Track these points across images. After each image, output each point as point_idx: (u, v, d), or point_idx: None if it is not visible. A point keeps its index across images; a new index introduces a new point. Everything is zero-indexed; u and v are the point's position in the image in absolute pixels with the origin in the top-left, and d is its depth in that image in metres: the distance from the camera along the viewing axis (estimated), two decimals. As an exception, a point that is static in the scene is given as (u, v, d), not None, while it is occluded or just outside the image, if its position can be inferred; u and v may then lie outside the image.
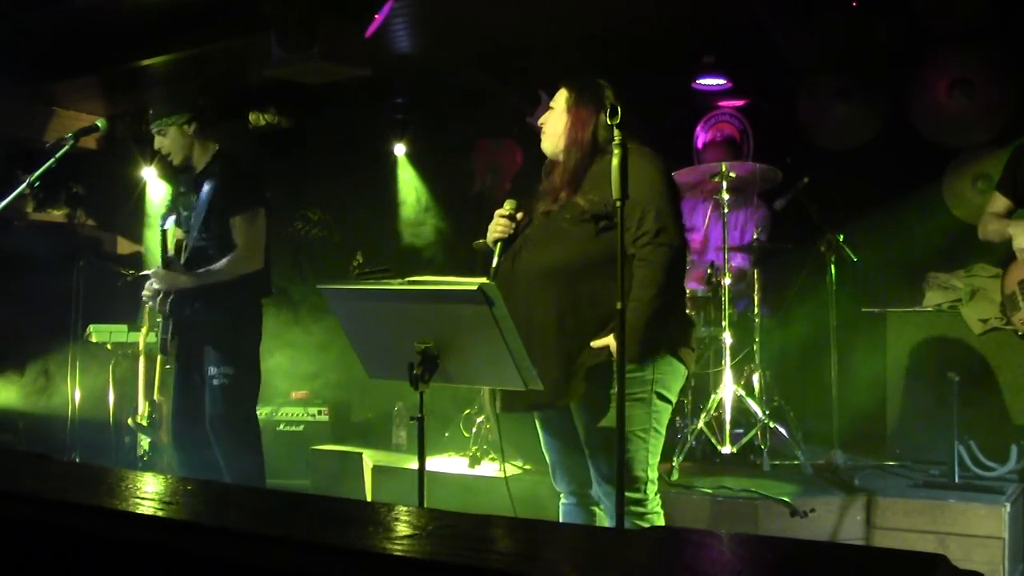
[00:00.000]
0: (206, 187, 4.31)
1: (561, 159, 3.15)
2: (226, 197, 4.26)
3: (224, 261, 4.23)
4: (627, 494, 2.90)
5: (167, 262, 4.26)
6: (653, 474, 3.07)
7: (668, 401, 3.07)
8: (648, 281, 2.93)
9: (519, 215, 3.19)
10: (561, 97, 3.21)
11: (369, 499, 5.21)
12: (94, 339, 6.08)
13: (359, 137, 7.36)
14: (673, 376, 3.06)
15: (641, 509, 3.03)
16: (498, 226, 3.17)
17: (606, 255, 2.91)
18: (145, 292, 4.35)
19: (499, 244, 3.16)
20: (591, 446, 3.04)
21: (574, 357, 2.98)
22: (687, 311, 3.36)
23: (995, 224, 4.30)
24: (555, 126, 3.18)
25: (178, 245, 4.37)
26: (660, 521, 3.11)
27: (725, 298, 4.76)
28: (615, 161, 2.65)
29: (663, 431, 3.09)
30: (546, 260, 3.04)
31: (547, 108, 3.25)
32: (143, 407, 5.59)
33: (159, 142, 4.35)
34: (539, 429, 3.24)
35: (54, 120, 7.50)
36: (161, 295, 4.28)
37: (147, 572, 1.32)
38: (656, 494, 3.10)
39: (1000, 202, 4.33)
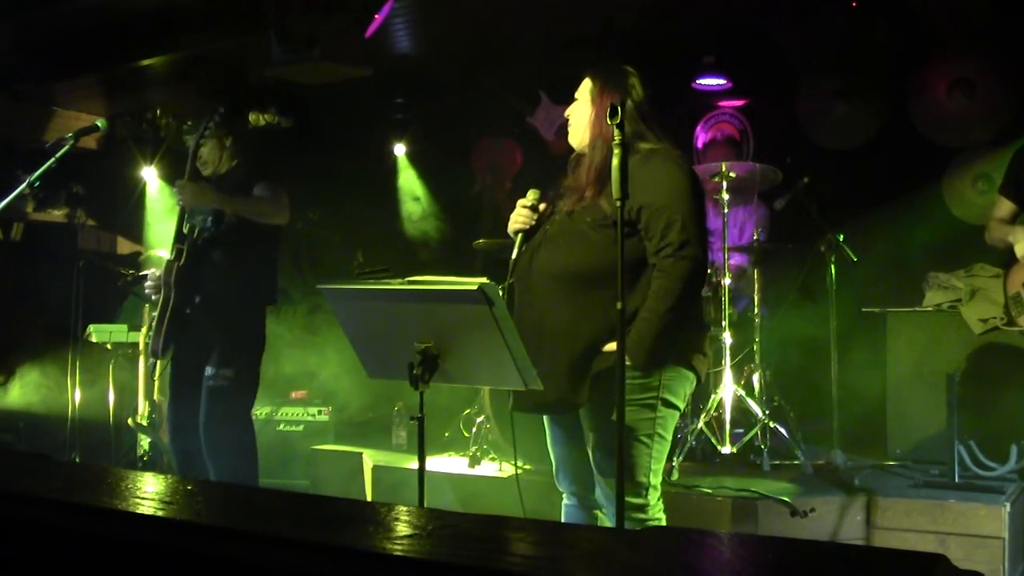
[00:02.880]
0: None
1: (587, 154, 3.05)
2: (248, 168, 4.25)
3: (256, 196, 4.17)
4: (629, 499, 2.87)
5: (194, 176, 4.14)
6: (656, 480, 3.02)
7: (675, 407, 3.02)
8: (664, 293, 2.87)
9: (542, 206, 3.11)
10: (585, 87, 3.11)
11: (369, 499, 5.20)
12: (94, 339, 6.08)
13: (359, 137, 7.36)
14: (681, 383, 3.01)
15: (643, 515, 3.00)
16: (520, 216, 3.09)
17: (624, 263, 2.87)
18: (148, 283, 4.32)
19: (520, 235, 3.09)
20: (595, 449, 3.01)
21: (586, 363, 2.93)
22: (702, 317, 3.26)
23: (1000, 231, 4.32)
24: (580, 118, 3.09)
25: (179, 252, 4.32)
26: None
27: (725, 298, 4.76)
28: (615, 161, 2.63)
29: (668, 437, 3.04)
30: (563, 262, 2.98)
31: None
32: (143, 407, 5.59)
33: (210, 152, 4.31)
34: (547, 426, 3.20)
35: (54, 120, 7.50)
36: (163, 286, 4.22)
37: (147, 572, 1.32)
38: (659, 500, 3.06)
39: (1005, 206, 4.34)
